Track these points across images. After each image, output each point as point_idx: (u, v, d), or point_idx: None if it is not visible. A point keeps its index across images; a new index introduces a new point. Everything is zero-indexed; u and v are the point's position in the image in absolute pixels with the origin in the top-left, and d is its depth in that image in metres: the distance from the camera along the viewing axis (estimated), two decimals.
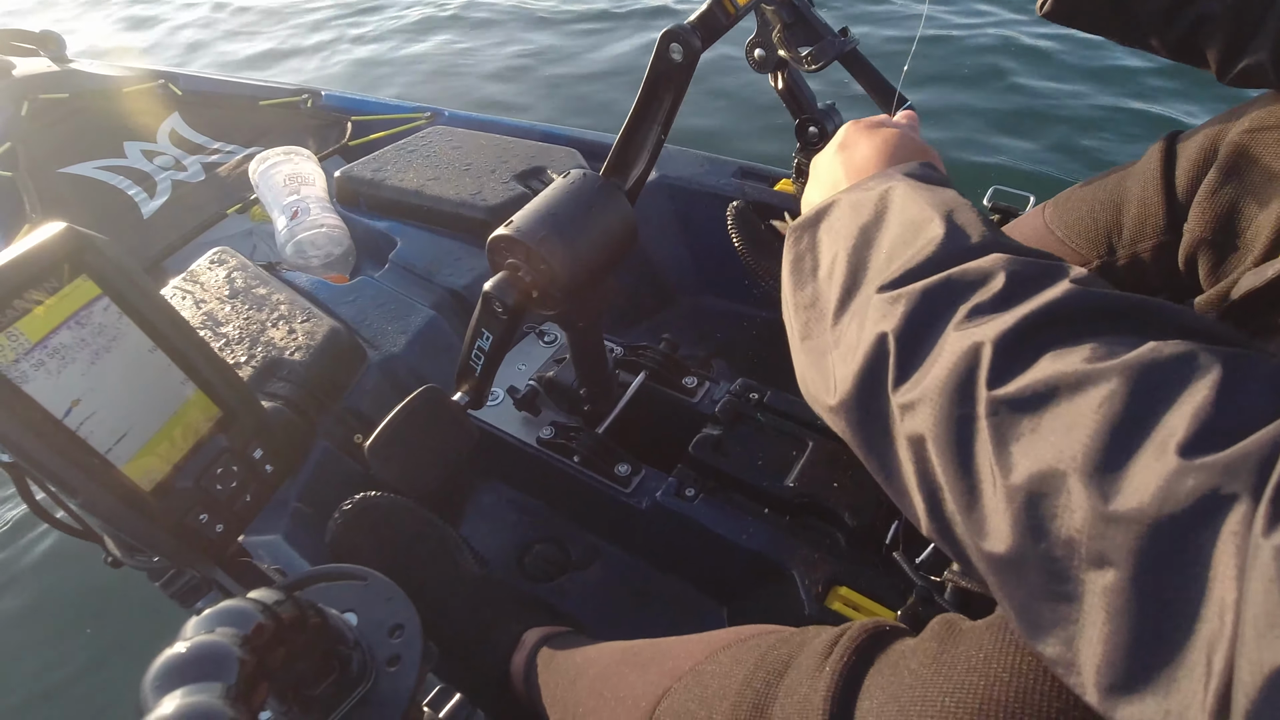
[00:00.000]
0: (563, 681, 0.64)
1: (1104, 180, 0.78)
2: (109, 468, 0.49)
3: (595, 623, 0.88)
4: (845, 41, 0.97)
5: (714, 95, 2.29)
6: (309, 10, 3.23)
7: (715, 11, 0.69)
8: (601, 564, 1.01)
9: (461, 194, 1.20)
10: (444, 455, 0.78)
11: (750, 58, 1.05)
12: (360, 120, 1.59)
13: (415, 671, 0.50)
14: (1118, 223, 0.76)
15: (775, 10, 0.97)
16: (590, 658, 0.64)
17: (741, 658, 0.49)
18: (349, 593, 0.54)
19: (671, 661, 0.54)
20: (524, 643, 0.74)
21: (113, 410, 0.49)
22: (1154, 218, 0.72)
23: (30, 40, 1.78)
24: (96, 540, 0.59)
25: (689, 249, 1.30)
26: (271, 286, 1.02)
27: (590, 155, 1.29)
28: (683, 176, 1.27)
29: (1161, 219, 0.71)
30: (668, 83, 0.70)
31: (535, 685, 0.68)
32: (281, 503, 0.86)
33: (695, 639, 0.56)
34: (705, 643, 0.54)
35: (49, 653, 1.07)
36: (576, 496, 0.98)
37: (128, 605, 1.09)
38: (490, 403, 1.03)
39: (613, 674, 0.58)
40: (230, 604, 0.41)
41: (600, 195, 0.76)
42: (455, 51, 2.79)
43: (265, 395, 0.89)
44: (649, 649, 0.58)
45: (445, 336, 1.07)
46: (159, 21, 3.32)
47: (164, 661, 0.37)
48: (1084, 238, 0.79)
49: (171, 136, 1.67)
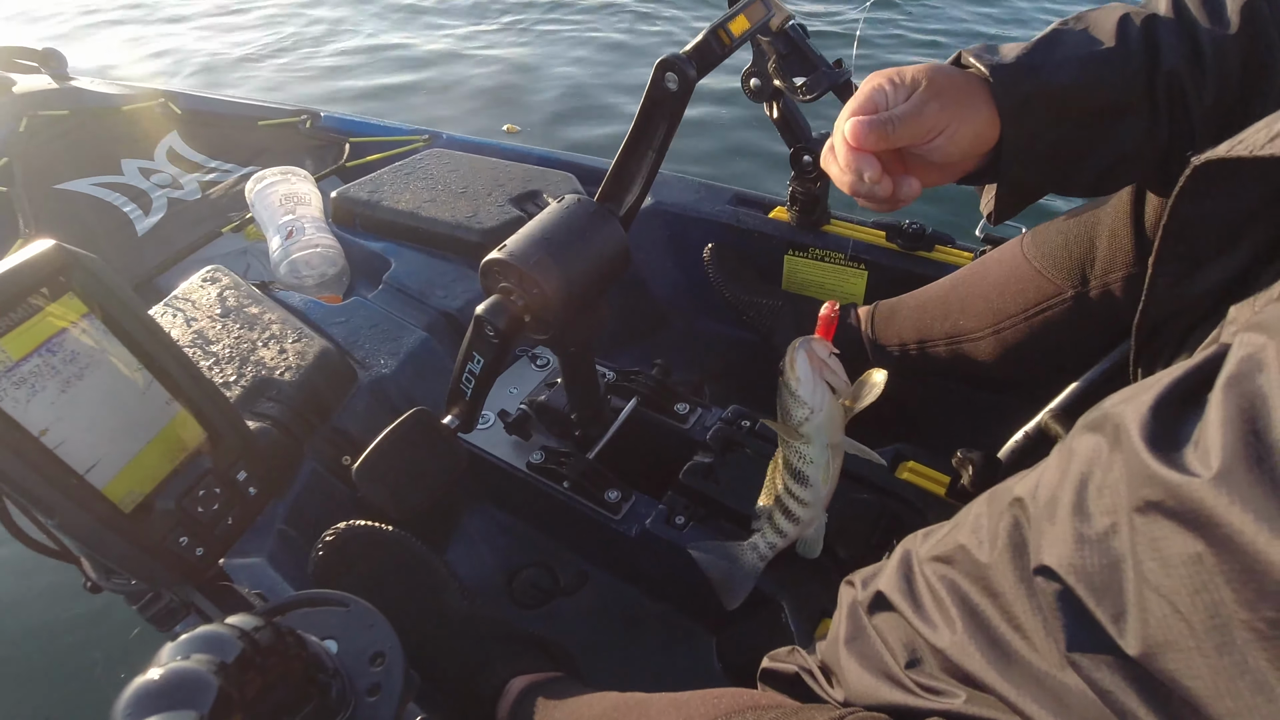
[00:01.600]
0: None
1: (1080, 212, 0.80)
2: (88, 488, 0.48)
3: (583, 650, 0.87)
4: (839, 73, 0.99)
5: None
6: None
7: (711, 42, 0.70)
8: (590, 590, 1.00)
9: (457, 216, 1.20)
10: (433, 478, 0.77)
11: (746, 87, 1.07)
12: (358, 142, 1.60)
13: (396, 701, 0.49)
14: (1090, 254, 0.77)
15: (770, 41, 0.98)
16: (572, 713, 0.62)
17: None
18: (330, 619, 0.53)
19: None
20: (509, 691, 0.72)
21: (94, 430, 0.49)
22: (1123, 250, 0.73)
23: (32, 57, 1.80)
24: (74, 562, 0.58)
25: (683, 274, 1.31)
26: (264, 306, 1.02)
27: (586, 180, 1.30)
28: (677, 203, 1.28)
29: (1130, 251, 0.73)
30: (663, 111, 0.70)
31: None
32: (267, 524, 0.84)
33: (679, 704, 0.54)
34: (689, 713, 0.52)
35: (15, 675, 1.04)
36: (566, 522, 0.97)
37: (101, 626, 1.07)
38: (481, 426, 1.02)
39: None
40: (207, 629, 0.40)
41: (594, 220, 0.76)
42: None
43: (254, 415, 0.88)
44: (633, 712, 0.56)
45: (437, 358, 1.07)
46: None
47: (137, 688, 0.36)
48: (1058, 268, 0.80)
49: (169, 155, 1.68)
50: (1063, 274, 0.79)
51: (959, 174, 0.59)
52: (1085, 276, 0.78)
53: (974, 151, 0.56)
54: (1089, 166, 0.57)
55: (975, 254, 1.11)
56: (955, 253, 1.13)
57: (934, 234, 1.14)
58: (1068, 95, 0.54)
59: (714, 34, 0.70)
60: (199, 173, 1.64)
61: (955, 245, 1.14)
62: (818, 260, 1.19)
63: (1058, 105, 0.54)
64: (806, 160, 1.11)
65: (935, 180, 0.59)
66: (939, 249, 1.13)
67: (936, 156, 0.55)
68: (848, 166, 0.55)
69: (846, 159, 0.55)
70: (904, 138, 0.53)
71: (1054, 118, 0.55)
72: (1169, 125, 0.55)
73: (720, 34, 0.71)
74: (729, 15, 0.73)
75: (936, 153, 0.55)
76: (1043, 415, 0.82)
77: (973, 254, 1.12)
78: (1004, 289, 0.85)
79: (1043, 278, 0.81)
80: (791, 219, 1.20)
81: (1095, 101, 0.54)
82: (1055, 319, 0.81)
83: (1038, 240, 0.83)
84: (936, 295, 0.94)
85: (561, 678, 0.75)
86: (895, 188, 0.55)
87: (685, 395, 1.01)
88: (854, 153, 0.54)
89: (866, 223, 1.19)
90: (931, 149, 0.54)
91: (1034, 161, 0.57)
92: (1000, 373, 0.89)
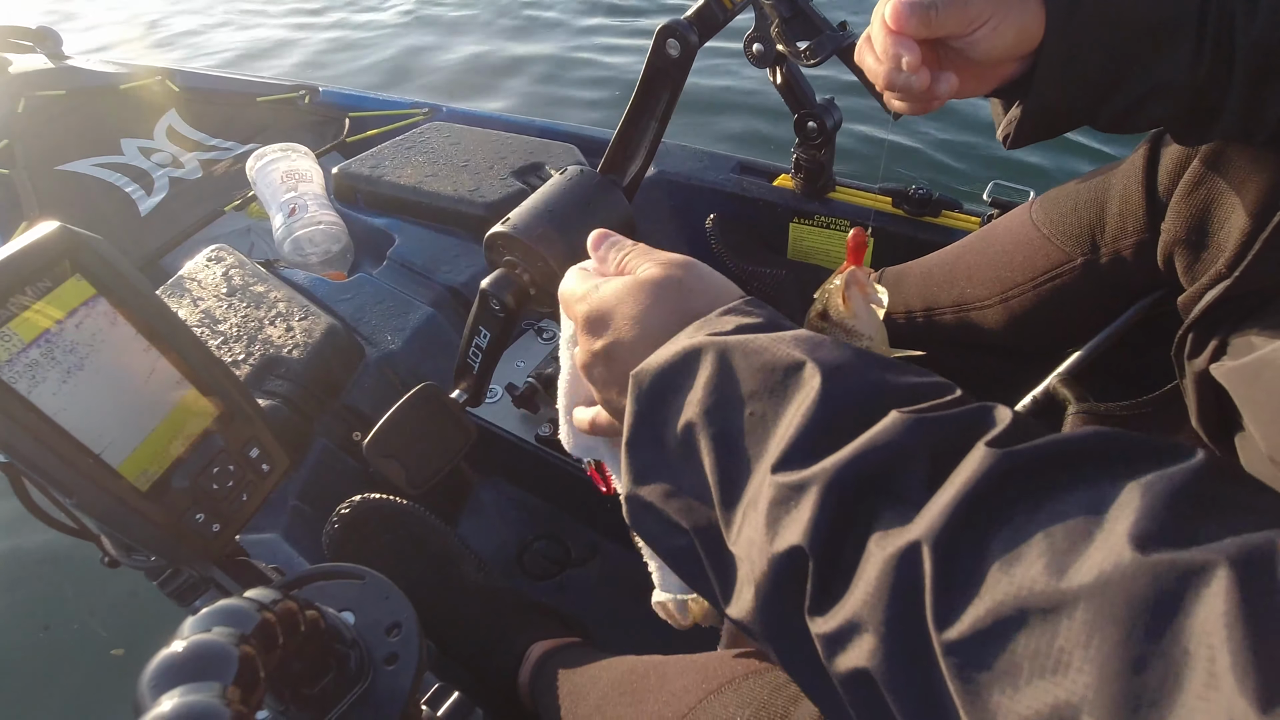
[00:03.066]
0: (565, 704, 0.64)
1: (1090, 178, 0.78)
2: (104, 468, 0.49)
3: (595, 620, 0.88)
4: (844, 36, 0.97)
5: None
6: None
7: (712, 6, 0.69)
8: (601, 561, 1.01)
9: (459, 190, 1.19)
10: (442, 452, 0.78)
11: (749, 52, 1.05)
12: (358, 117, 1.59)
13: (413, 670, 0.50)
14: (1101, 220, 0.76)
15: (773, 5, 0.97)
16: (591, 678, 0.63)
17: (743, 699, 0.48)
18: (346, 591, 0.54)
19: (668, 696, 0.53)
20: (529, 657, 0.73)
21: (106, 410, 0.49)
22: (1135, 215, 0.72)
23: (27, 36, 1.78)
24: (93, 540, 0.59)
25: (688, 243, 1.30)
26: (269, 284, 1.02)
27: (589, 151, 1.29)
28: (681, 172, 1.27)
29: (1142, 217, 0.72)
30: (665, 78, 0.69)
31: (543, 702, 0.68)
32: (280, 501, 0.86)
33: (695, 667, 0.54)
34: (704, 675, 0.52)
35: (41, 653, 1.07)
36: (575, 493, 0.98)
37: (122, 603, 1.09)
38: (489, 400, 1.02)
39: (610, 704, 0.58)
40: (227, 603, 0.41)
41: (598, 191, 0.75)
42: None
43: (263, 393, 0.89)
44: (649, 675, 0.57)
45: (443, 333, 1.07)
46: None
47: (161, 660, 0.37)
48: (1068, 235, 0.79)
49: (169, 133, 1.67)
50: (1072, 241, 0.78)
51: (995, 80, 0.56)
52: (1096, 243, 0.77)
53: (1016, 51, 0.53)
54: (1123, 93, 0.55)
55: (983, 219, 1.10)
56: (962, 218, 1.12)
57: (940, 199, 1.12)
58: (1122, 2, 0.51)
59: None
60: (199, 151, 1.63)
61: (962, 210, 1.13)
62: (823, 228, 1.18)
63: (1109, 12, 0.51)
64: (811, 127, 1.10)
65: (970, 87, 0.56)
66: (945, 214, 1.12)
67: (978, 51, 0.52)
68: (885, 53, 0.53)
69: (885, 45, 0.52)
70: (947, 24, 0.51)
71: (1103, 25, 0.52)
72: (1211, 55, 0.52)
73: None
74: None
75: (978, 46, 0.52)
76: (1051, 379, 0.82)
77: (980, 219, 1.10)
78: (1012, 257, 0.84)
79: (1051, 245, 0.80)
80: (796, 186, 1.19)
81: (1148, 14, 0.52)
82: (1065, 286, 0.80)
83: (1046, 207, 0.82)
84: (943, 262, 0.93)
85: (579, 643, 0.76)
86: (933, 82, 0.53)
87: None
88: (893, 36, 0.52)
89: (872, 189, 1.18)
90: (974, 41, 0.52)
91: (1070, 78, 0.54)
92: (1009, 340, 0.88)
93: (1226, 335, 0.59)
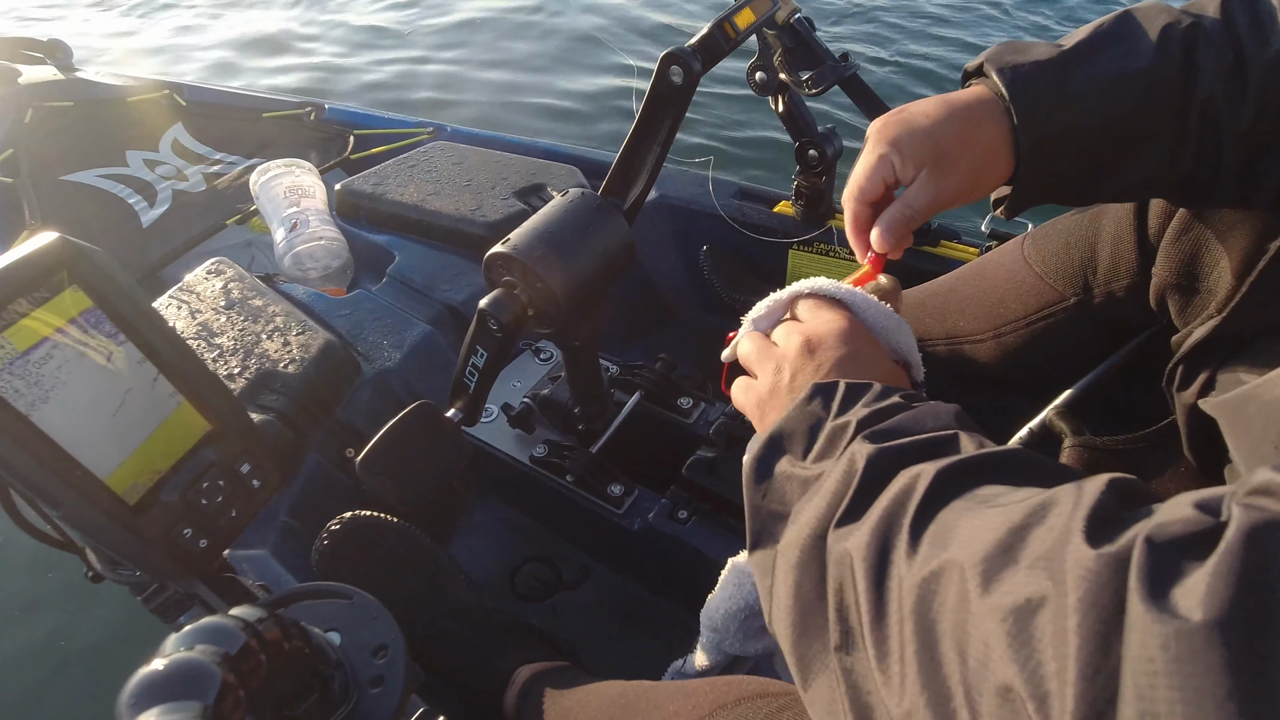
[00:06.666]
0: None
1: (1081, 217, 0.78)
2: (92, 480, 0.48)
3: (586, 644, 0.87)
4: (845, 66, 0.98)
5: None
6: None
7: (716, 35, 0.70)
8: (593, 584, 1.00)
9: (461, 209, 1.20)
10: (436, 471, 0.77)
11: (751, 80, 1.06)
12: (363, 134, 1.60)
13: (399, 693, 0.49)
14: (1093, 260, 0.76)
15: (776, 35, 0.98)
16: (579, 703, 0.62)
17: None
18: (333, 611, 0.53)
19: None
20: (515, 680, 0.72)
21: (97, 422, 0.49)
22: (1127, 258, 0.72)
23: (38, 48, 1.79)
24: (78, 553, 0.58)
25: (687, 268, 1.31)
26: (268, 298, 1.02)
27: (591, 174, 1.30)
28: (681, 196, 1.27)
29: (1134, 260, 0.72)
30: (667, 104, 0.70)
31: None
32: (270, 516, 0.85)
33: (685, 693, 0.54)
34: (694, 701, 0.52)
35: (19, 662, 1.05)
36: (569, 516, 0.98)
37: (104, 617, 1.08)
38: (484, 419, 1.02)
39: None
40: (211, 621, 0.40)
41: (599, 214, 0.76)
42: None
43: (257, 407, 0.88)
44: (639, 701, 0.56)
45: (441, 352, 1.07)
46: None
47: (142, 678, 0.36)
48: (1060, 274, 0.79)
49: (174, 146, 1.67)
50: (1065, 280, 0.78)
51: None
52: (1088, 283, 0.76)
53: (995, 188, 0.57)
54: (1106, 188, 0.57)
55: (981, 249, 1.10)
56: (960, 248, 1.12)
57: (939, 229, 1.13)
58: (1092, 130, 0.53)
59: (719, 27, 0.70)
60: (204, 164, 1.64)
61: (960, 241, 1.13)
62: (822, 255, 1.18)
63: (1080, 141, 0.53)
64: (811, 155, 1.11)
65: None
66: (944, 244, 1.13)
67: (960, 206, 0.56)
68: (858, 250, 0.58)
69: (858, 245, 0.58)
70: (928, 218, 0.55)
71: (1075, 151, 0.54)
72: (1196, 149, 0.53)
73: (726, 27, 0.70)
74: (735, 8, 0.73)
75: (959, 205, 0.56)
76: (1047, 412, 0.81)
77: (978, 249, 1.11)
78: (1004, 293, 0.84)
79: (1044, 284, 0.80)
80: (796, 214, 1.20)
81: (1121, 131, 0.53)
82: (1058, 324, 0.80)
83: (1039, 243, 0.82)
84: (936, 294, 0.93)
85: (568, 667, 0.75)
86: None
87: (689, 390, 1.01)
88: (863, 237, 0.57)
89: None
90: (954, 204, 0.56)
91: (1051, 187, 0.57)
92: (1001, 374, 0.88)
93: (1215, 370, 0.59)
